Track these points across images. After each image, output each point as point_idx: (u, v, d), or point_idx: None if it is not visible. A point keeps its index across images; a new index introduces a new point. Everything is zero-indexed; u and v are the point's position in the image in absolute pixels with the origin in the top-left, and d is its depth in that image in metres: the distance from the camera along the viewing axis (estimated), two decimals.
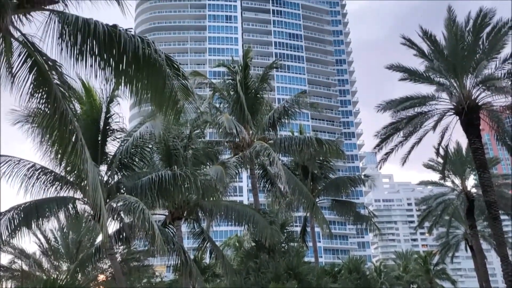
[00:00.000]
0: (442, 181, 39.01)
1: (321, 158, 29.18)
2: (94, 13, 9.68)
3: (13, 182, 13.66)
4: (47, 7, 8.97)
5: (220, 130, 24.56)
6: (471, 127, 23.07)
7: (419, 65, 24.54)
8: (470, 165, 35.83)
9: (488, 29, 22.64)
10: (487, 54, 22.69)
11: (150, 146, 17.94)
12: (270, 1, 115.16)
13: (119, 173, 16.60)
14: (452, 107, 23.60)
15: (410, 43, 24.01)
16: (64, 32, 8.75)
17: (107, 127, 16.16)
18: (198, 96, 23.79)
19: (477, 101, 22.88)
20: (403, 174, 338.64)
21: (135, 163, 16.82)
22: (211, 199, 20.28)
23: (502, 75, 22.46)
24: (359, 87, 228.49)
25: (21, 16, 8.88)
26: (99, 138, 16.07)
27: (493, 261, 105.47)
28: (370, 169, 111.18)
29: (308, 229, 31.72)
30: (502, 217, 27.25)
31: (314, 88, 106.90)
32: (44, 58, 9.29)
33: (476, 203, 36.05)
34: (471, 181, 38.69)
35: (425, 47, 24.00)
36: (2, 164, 13.58)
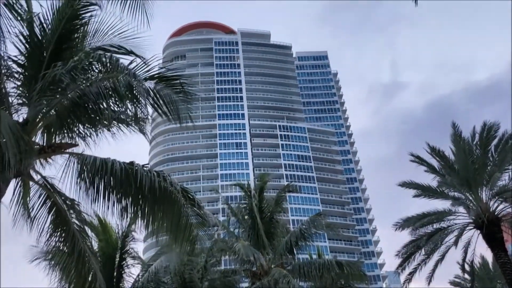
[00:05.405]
0: None
1: (342, 282, 27.89)
2: (113, 146, 10.08)
3: None
4: (67, 150, 9.36)
5: (237, 257, 23.93)
6: (494, 241, 22.27)
7: (431, 180, 24.53)
8: (499, 279, 34.05)
9: (495, 141, 23.02)
10: (498, 166, 22.75)
11: (165, 280, 17.46)
12: (278, 127, 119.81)
13: None
14: (471, 221, 23.07)
15: (420, 160, 24.26)
16: (82, 172, 8.99)
17: (123, 263, 15.91)
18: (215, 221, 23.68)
19: (496, 213, 22.39)
20: None
21: None
22: None
23: None
24: (373, 204, 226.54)
25: (41, 160, 9.24)
26: (115, 274, 15.74)
27: None
28: None
29: None
30: None
31: (327, 207, 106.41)
32: (63, 198, 9.47)
33: None
34: None
35: (434, 162, 24.22)
36: None
